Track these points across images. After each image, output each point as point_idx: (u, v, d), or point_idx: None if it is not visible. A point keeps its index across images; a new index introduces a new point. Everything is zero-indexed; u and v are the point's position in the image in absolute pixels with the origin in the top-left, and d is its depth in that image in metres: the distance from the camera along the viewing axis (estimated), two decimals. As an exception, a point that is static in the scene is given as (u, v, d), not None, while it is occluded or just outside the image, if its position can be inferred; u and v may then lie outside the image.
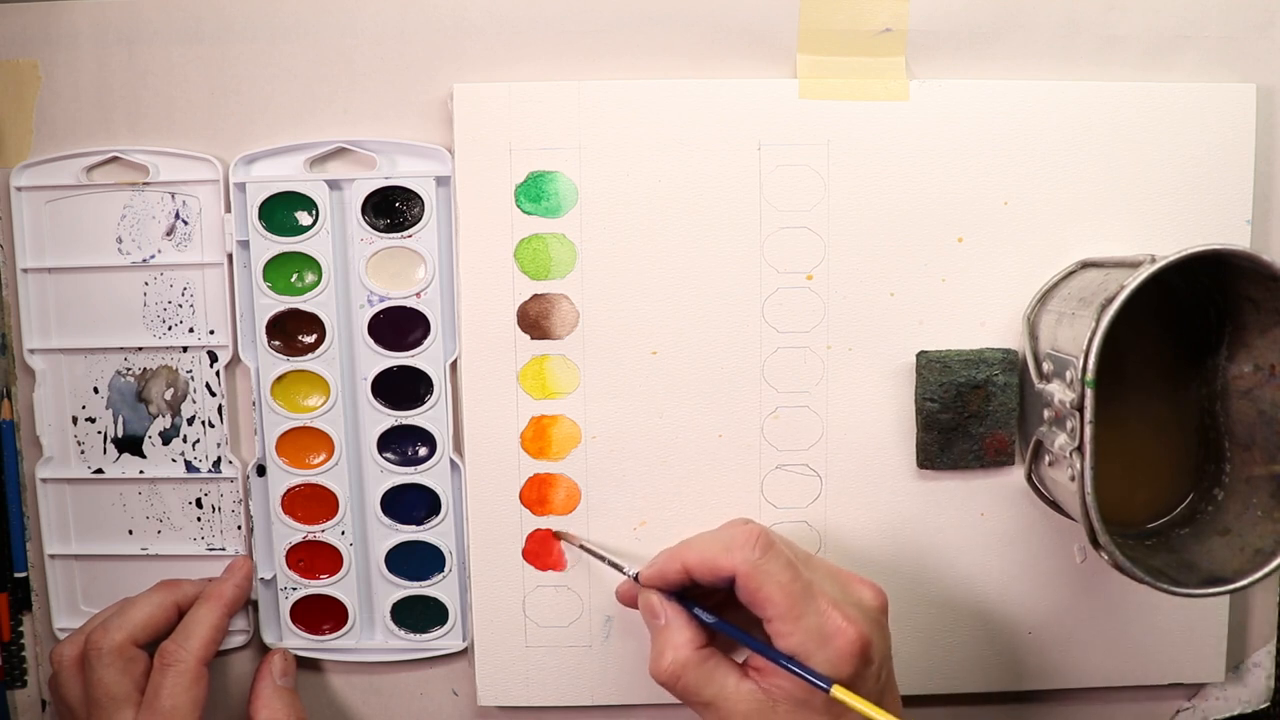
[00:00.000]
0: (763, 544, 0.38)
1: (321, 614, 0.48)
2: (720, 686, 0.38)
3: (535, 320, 0.46)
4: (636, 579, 0.42)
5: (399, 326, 0.46)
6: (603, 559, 0.45)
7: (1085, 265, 0.45)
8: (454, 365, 0.47)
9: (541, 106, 0.45)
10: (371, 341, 0.46)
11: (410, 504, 0.48)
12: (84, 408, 0.48)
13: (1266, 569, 0.39)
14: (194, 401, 0.47)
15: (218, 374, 0.47)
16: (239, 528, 0.48)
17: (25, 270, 0.47)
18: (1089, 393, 0.37)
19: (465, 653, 0.49)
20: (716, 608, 0.40)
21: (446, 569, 0.48)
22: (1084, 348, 0.37)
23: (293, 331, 0.47)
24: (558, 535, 0.47)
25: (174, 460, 0.48)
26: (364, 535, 0.48)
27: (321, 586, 0.48)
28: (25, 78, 0.46)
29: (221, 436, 0.47)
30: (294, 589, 0.48)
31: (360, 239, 0.46)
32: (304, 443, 0.47)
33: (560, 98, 0.45)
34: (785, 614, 0.36)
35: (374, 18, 0.45)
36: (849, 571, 0.41)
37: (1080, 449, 0.38)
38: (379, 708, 0.50)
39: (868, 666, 0.37)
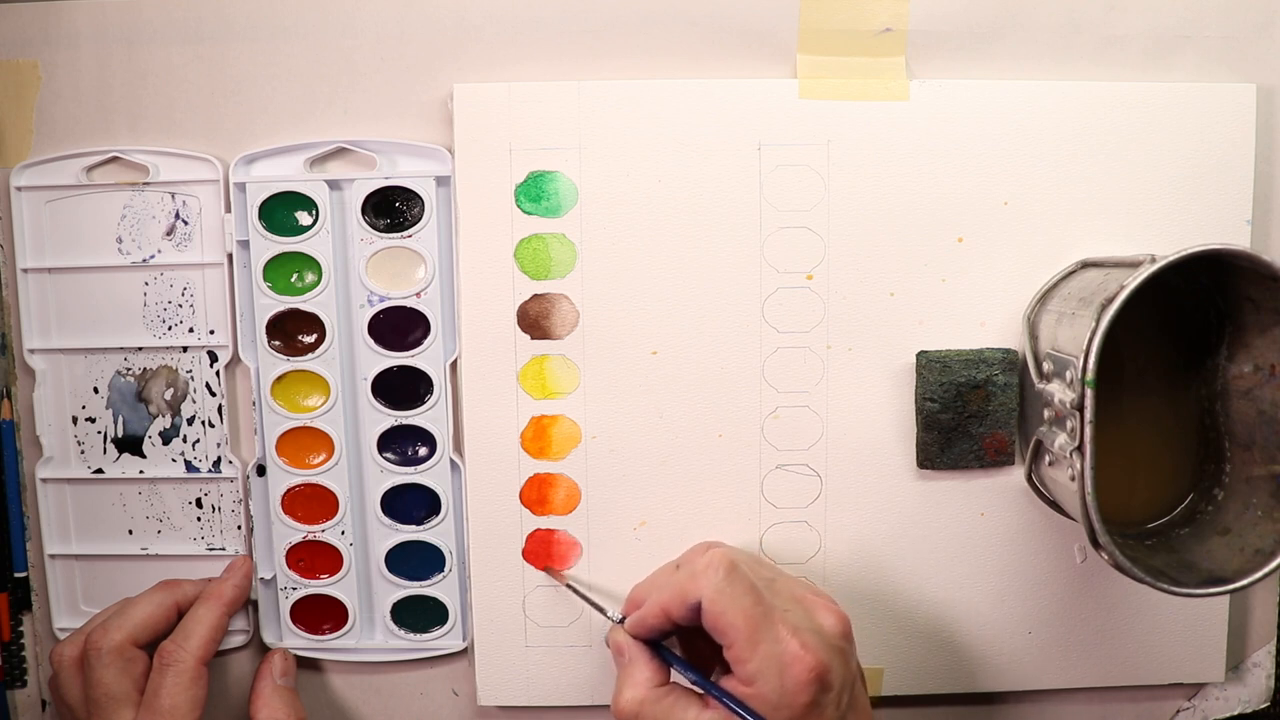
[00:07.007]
0: (726, 567, 0.38)
1: (321, 614, 0.48)
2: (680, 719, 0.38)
3: (535, 320, 0.46)
4: (621, 623, 0.42)
5: (399, 326, 0.46)
6: (588, 600, 0.45)
7: (1085, 265, 0.45)
8: (454, 365, 0.47)
9: (541, 106, 0.45)
10: (371, 341, 0.46)
11: (410, 504, 0.48)
12: (84, 408, 0.48)
13: (1266, 569, 0.39)
14: (194, 401, 0.47)
15: (218, 374, 0.47)
16: (239, 528, 0.48)
17: (25, 270, 0.47)
18: (1089, 393, 0.37)
19: (465, 653, 0.49)
20: (687, 642, 0.41)
21: (446, 569, 0.48)
22: (1084, 347, 0.37)
23: (293, 331, 0.47)
24: (546, 570, 0.47)
25: (174, 460, 0.48)
26: (364, 535, 0.48)
27: (321, 586, 0.48)
28: (25, 78, 0.46)
29: (221, 436, 0.47)
30: (294, 589, 0.48)
31: (360, 239, 0.46)
32: (304, 443, 0.47)
33: (560, 98, 0.45)
34: (745, 640, 0.36)
35: (374, 18, 0.45)
36: (813, 595, 0.40)
37: (1080, 449, 0.38)
38: (379, 708, 0.50)
39: (826, 693, 0.36)
